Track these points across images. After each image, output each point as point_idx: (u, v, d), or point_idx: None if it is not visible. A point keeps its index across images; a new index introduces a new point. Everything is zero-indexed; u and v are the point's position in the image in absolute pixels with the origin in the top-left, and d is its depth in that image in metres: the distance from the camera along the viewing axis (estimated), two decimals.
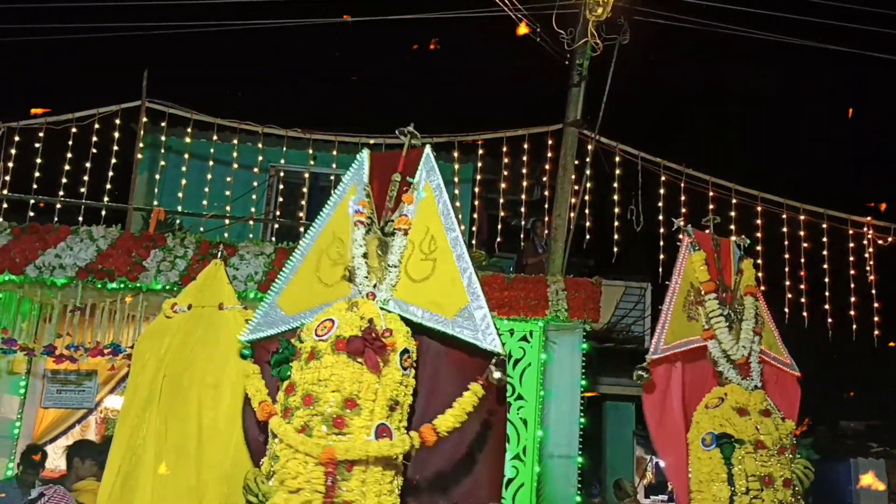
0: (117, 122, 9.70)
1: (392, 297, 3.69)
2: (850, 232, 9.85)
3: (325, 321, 3.62)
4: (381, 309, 3.63)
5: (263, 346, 3.98)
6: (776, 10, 9.97)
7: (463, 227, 9.77)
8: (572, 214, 9.57)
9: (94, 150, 9.60)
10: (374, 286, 3.74)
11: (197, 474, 4.34)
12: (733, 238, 5.51)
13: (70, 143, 9.55)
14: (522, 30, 9.62)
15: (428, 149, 4.03)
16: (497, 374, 3.46)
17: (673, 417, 4.97)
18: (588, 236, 10.05)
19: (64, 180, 9.55)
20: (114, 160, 9.68)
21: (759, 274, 9.56)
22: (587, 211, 9.88)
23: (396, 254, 3.78)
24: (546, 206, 10.12)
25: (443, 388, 3.62)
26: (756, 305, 5.18)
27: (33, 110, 9.40)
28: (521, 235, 10.83)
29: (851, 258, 9.83)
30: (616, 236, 9.76)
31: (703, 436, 4.68)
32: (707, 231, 5.38)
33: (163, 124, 10.12)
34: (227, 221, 9.79)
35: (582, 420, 8.25)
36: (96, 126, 9.58)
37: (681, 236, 5.34)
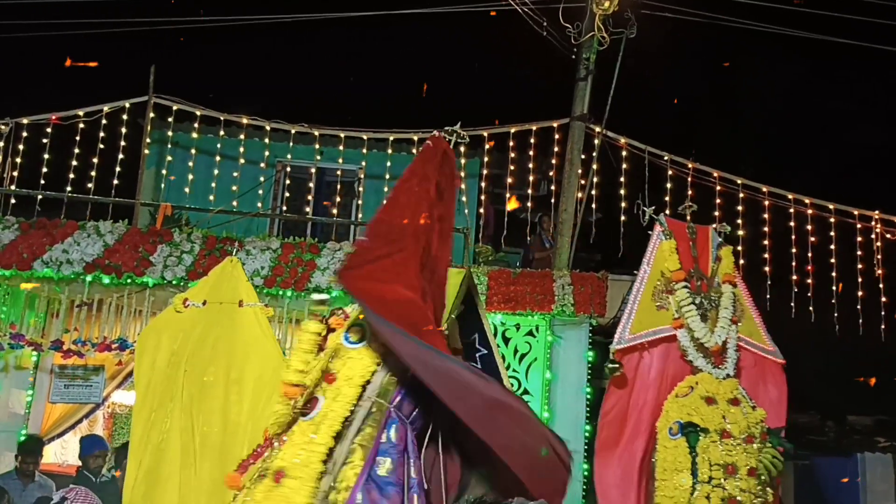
0: (124, 117, 9.71)
1: None
2: (858, 226, 9.81)
3: None
4: None
5: None
6: (783, 4, 9.91)
7: (470, 222, 9.79)
8: (579, 209, 9.56)
9: (102, 146, 9.61)
10: None
11: (221, 468, 4.37)
12: (714, 225, 5.45)
13: (77, 138, 9.57)
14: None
15: (453, 141, 4.13)
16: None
17: (628, 409, 4.96)
18: (595, 231, 10.02)
19: (71, 175, 9.58)
20: (121, 155, 9.70)
21: (766, 268, 9.58)
22: (594, 205, 9.86)
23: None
24: (553, 200, 10.11)
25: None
26: (734, 293, 5.12)
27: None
28: (528, 230, 10.82)
29: (859, 252, 9.79)
30: (623, 231, 9.73)
31: (671, 425, 4.65)
32: (697, 219, 5.32)
33: (170, 119, 10.13)
34: (233, 216, 9.80)
35: (588, 411, 8.25)
36: (103, 121, 9.59)
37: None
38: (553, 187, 10.14)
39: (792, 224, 9.80)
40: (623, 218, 9.70)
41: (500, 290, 8.33)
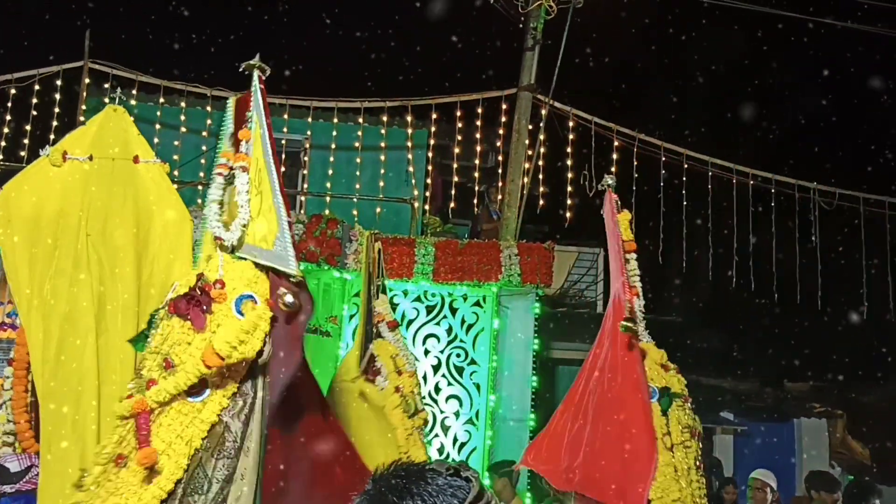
0: (59, 83, 9.38)
1: (244, 240, 3.47)
2: (797, 196, 10.02)
3: (175, 284, 3.45)
4: (232, 255, 3.42)
5: None
6: None
7: (417, 193, 9.72)
8: (526, 180, 9.57)
9: (35, 113, 9.28)
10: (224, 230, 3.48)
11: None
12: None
13: (9, 104, 9.22)
14: None
15: (255, 76, 3.66)
16: (289, 298, 3.29)
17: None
18: (542, 202, 10.06)
19: (3, 143, 9.25)
20: (56, 123, 9.37)
21: (709, 238, 9.76)
22: (541, 176, 9.88)
23: (240, 193, 3.48)
24: (500, 171, 10.11)
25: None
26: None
27: None
28: (475, 201, 10.81)
29: (798, 222, 10.01)
30: (569, 201, 9.78)
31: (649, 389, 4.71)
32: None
33: (106, 86, 9.82)
34: (175, 187, 9.57)
35: (534, 383, 8.33)
36: (37, 87, 9.26)
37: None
38: (500, 158, 10.13)
39: (734, 194, 9.97)
40: (570, 189, 9.74)
41: (448, 260, 8.31)
